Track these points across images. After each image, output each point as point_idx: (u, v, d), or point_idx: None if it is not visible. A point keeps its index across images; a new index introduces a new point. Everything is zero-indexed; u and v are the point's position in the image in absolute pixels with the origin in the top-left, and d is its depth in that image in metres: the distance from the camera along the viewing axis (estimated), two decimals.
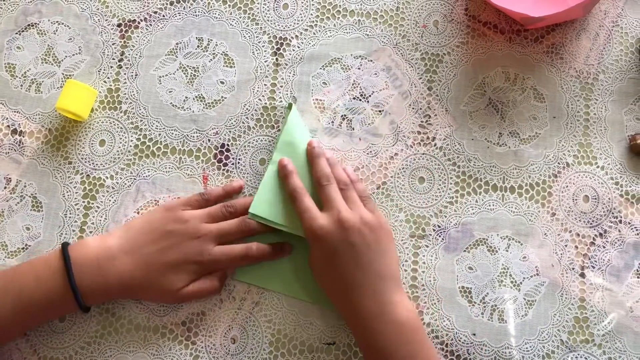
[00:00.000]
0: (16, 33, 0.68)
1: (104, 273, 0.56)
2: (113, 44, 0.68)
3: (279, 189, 0.61)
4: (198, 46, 0.67)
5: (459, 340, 0.60)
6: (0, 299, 0.55)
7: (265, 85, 0.66)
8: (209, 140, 0.65)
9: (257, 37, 0.68)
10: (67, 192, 0.64)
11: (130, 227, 0.59)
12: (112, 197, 0.64)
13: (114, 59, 0.67)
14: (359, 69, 0.66)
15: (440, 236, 0.62)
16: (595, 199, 0.63)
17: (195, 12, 0.68)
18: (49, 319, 0.59)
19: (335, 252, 0.56)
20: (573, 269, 0.61)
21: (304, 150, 0.62)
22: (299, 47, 0.67)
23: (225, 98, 0.66)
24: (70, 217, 0.63)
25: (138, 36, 0.68)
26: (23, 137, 0.65)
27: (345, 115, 0.65)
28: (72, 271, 0.55)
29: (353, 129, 0.65)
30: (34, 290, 0.55)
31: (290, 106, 0.64)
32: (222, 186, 0.63)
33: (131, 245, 0.57)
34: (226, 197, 0.63)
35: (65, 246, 0.57)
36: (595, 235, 0.62)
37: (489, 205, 0.63)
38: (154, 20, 0.68)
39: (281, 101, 0.66)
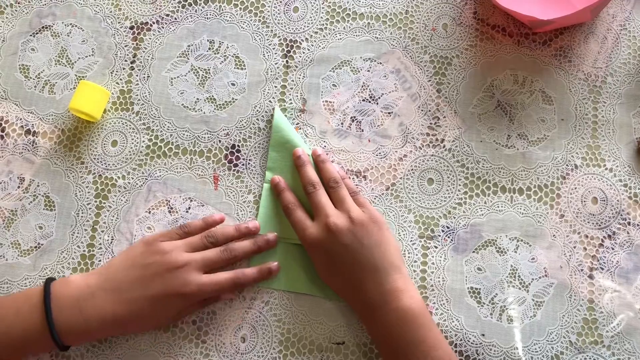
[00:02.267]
0: (30, 35, 0.69)
1: (84, 313, 0.54)
2: (125, 46, 0.68)
3: (277, 205, 0.63)
4: (209, 48, 0.68)
5: (468, 341, 0.60)
6: None
7: (275, 87, 0.67)
8: (219, 141, 0.66)
9: (267, 39, 0.68)
10: (80, 191, 0.65)
11: (111, 265, 0.58)
12: (124, 197, 0.64)
13: (126, 60, 0.68)
14: (368, 71, 0.67)
15: (449, 237, 0.63)
16: (604, 200, 0.63)
17: (207, 15, 0.69)
18: (27, 355, 0.57)
19: (332, 256, 0.58)
20: (582, 270, 0.62)
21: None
22: (309, 50, 0.68)
23: (236, 100, 0.67)
24: (82, 217, 0.64)
25: (150, 38, 0.69)
26: (36, 137, 0.66)
27: (354, 117, 0.66)
28: (51, 309, 0.53)
29: (362, 130, 0.66)
30: (12, 324, 0.53)
31: (272, 115, 0.65)
32: (202, 218, 0.62)
33: (111, 283, 0.55)
34: (206, 229, 0.61)
35: (48, 282, 0.55)
36: (604, 237, 0.62)
37: (498, 207, 0.63)
38: (166, 23, 0.69)
39: (291, 103, 0.66)
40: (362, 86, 0.67)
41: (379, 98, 0.66)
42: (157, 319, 0.58)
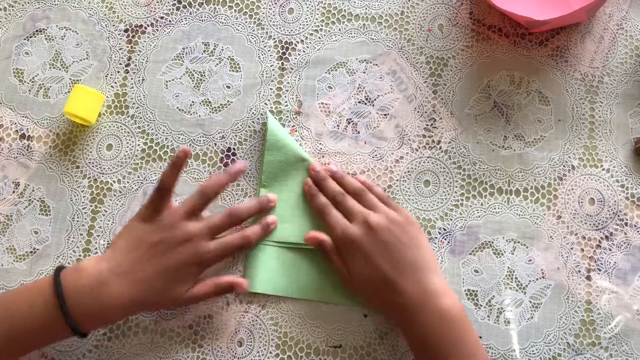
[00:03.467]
0: (24, 39, 0.69)
1: (99, 300, 0.53)
2: (120, 49, 0.68)
3: (279, 209, 0.62)
4: (204, 51, 0.68)
5: None
6: (3, 335, 0.53)
7: (271, 89, 0.67)
8: (215, 144, 0.65)
9: (262, 41, 0.68)
10: (75, 196, 0.64)
11: (116, 248, 0.56)
12: (120, 201, 0.64)
13: (121, 64, 0.68)
14: (364, 72, 0.67)
15: (446, 239, 0.62)
16: (601, 201, 0.63)
17: (202, 17, 0.69)
18: (45, 345, 0.56)
19: (371, 254, 0.56)
20: (579, 271, 0.61)
21: (294, 166, 0.63)
22: (304, 52, 0.68)
23: (231, 102, 0.66)
24: (77, 221, 0.64)
25: (145, 41, 0.68)
26: (31, 141, 0.66)
27: (350, 119, 0.66)
28: (65, 301, 0.52)
29: (358, 132, 0.65)
30: (27, 318, 0.53)
31: (265, 124, 0.65)
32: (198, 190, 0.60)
33: (122, 267, 0.55)
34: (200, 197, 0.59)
35: (58, 272, 0.54)
36: (601, 238, 0.62)
37: (495, 209, 0.63)
38: (160, 26, 0.69)
39: (287, 105, 0.66)
40: (358, 88, 0.66)
41: (375, 100, 0.66)
42: (175, 293, 0.56)
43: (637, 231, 0.62)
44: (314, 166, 0.63)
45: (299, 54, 0.67)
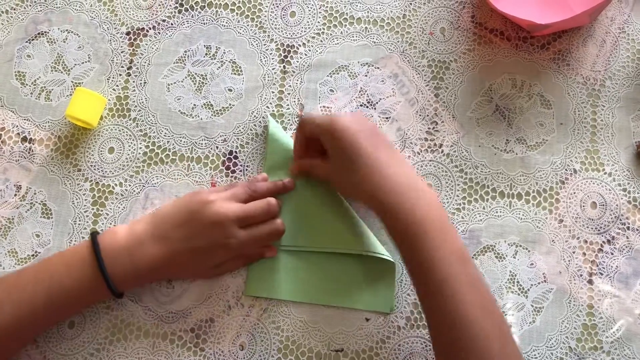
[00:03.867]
0: (26, 41, 0.69)
1: (134, 260, 0.56)
2: (122, 52, 0.68)
3: (279, 215, 0.62)
4: (206, 54, 0.68)
5: None
6: (32, 290, 0.55)
7: (272, 92, 0.67)
8: (217, 147, 0.65)
9: (264, 44, 0.68)
10: (77, 199, 0.64)
11: (158, 213, 0.59)
12: (121, 204, 0.64)
13: (122, 67, 0.68)
14: (366, 76, 0.67)
15: None
16: (603, 205, 0.63)
17: (204, 20, 0.69)
18: (83, 307, 0.60)
19: (359, 133, 0.55)
20: (581, 275, 0.61)
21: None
22: (306, 55, 0.68)
23: (233, 105, 0.66)
24: (79, 224, 0.64)
25: (147, 44, 0.68)
26: (33, 144, 0.66)
27: None
28: (103, 261, 0.55)
29: None
30: (66, 281, 0.55)
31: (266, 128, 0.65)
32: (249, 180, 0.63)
33: (159, 231, 0.57)
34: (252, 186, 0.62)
35: (94, 235, 0.57)
36: (603, 241, 0.62)
37: (497, 212, 0.63)
38: (162, 29, 0.69)
39: (289, 108, 0.66)
40: (360, 91, 0.66)
41: (377, 103, 0.66)
42: (201, 269, 0.60)
43: (639, 235, 0.62)
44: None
45: (300, 57, 0.67)
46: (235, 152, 0.65)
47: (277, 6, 0.69)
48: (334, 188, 0.61)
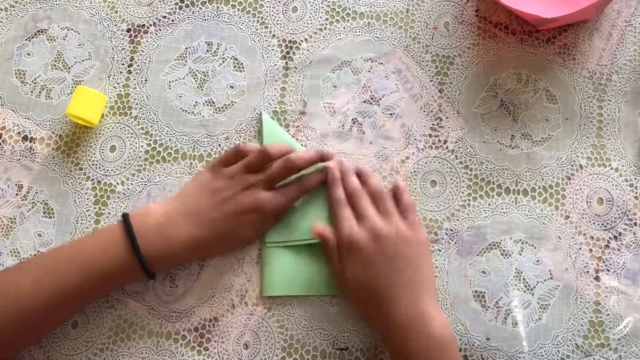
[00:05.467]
0: (26, 39, 0.68)
1: (167, 239, 0.56)
2: (122, 50, 0.68)
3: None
4: (207, 50, 0.67)
5: (473, 345, 0.59)
6: (66, 270, 0.55)
7: (275, 89, 0.66)
8: (219, 145, 0.65)
9: (266, 40, 0.67)
10: (78, 198, 0.64)
11: (184, 192, 0.60)
12: (123, 203, 0.64)
13: (123, 64, 0.67)
14: (369, 72, 0.66)
15: (452, 240, 0.62)
16: (610, 201, 0.62)
17: (205, 16, 0.68)
18: (116, 287, 0.60)
19: (370, 263, 0.55)
20: (587, 272, 0.61)
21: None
22: (308, 51, 0.67)
23: (235, 102, 0.66)
24: (81, 224, 0.63)
25: (147, 41, 0.68)
26: (34, 143, 0.65)
27: (355, 119, 0.65)
28: (137, 240, 0.55)
29: (364, 132, 0.65)
30: (99, 260, 0.55)
31: (260, 120, 0.64)
32: (249, 145, 0.62)
33: (189, 208, 0.58)
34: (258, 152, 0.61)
35: (126, 216, 0.57)
36: (610, 238, 0.62)
37: (502, 209, 0.62)
38: (163, 25, 0.68)
39: (291, 105, 0.65)
40: (363, 87, 0.66)
41: (380, 99, 0.65)
42: (236, 238, 0.60)
43: None
44: (342, 161, 0.62)
45: (303, 53, 0.67)
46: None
47: (279, 1, 0.68)
48: None
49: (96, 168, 0.65)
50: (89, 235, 0.58)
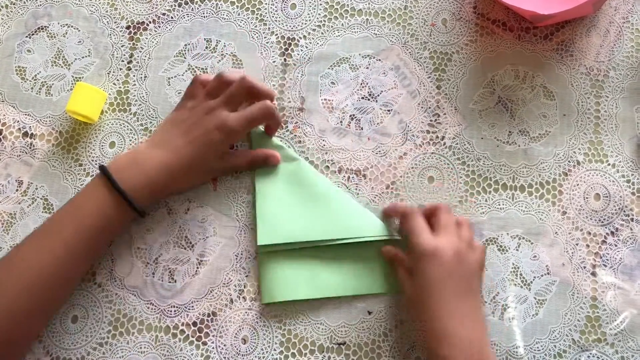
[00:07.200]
0: (26, 36, 0.68)
1: (143, 170, 0.58)
2: (122, 46, 0.68)
3: (279, 210, 0.61)
4: (206, 47, 0.67)
5: None
6: (60, 225, 0.57)
7: (273, 85, 0.66)
8: None
9: (265, 37, 0.68)
10: None
11: (154, 132, 0.63)
12: None
13: (123, 61, 0.68)
14: (367, 68, 0.66)
15: None
16: (607, 197, 0.63)
17: (204, 13, 0.68)
18: (112, 233, 0.60)
19: (450, 275, 0.54)
20: (584, 267, 0.61)
21: (287, 167, 0.63)
22: (307, 47, 0.67)
23: None
24: None
25: (147, 38, 0.68)
26: (34, 139, 0.66)
27: (353, 115, 0.65)
28: (112, 175, 0.57)
29: (362, 128, 0.65)
30: (87, 208, 0.57)
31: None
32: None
33: (157, 141, 0.61)
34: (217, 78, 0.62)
35: (102, 166, 0.59)
36: (607, 233, 0.62)
37: (499, 205, 0.63)
38: (162, 22, 0.68)
39: (290, 102, 0.66)
40: (361, 83, 0.66)
41: (378, 95, 0.66)
42: (208, 162, 0.61)
43: None
44: (405, 209, 0.60)
45: (301, 50, 0.67)
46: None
47: None
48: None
49: (96, 164, 0.65)
50: (75, 195, 0.59)
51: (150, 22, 0.68)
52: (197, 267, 0.62)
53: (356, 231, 0.60)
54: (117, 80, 0.67)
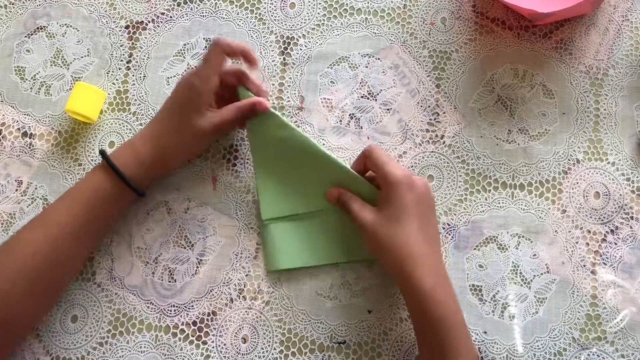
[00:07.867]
0: (25, 36, 0.68)
1: (134, 147, 0.59)
2: (121, 46, 0.68)
3: (278, 183, 0.61)
4: (206, 47, 0.67)
5: None
6: (65, 207, 0.57)
7: (273, 85, 0.66)
8: (217, 140, 0.65)
9: (264, 36, 0.68)
10: None
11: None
12: None
13: (122, 60, 0.68)
14: (366, 67, 0.66)
15: (450, 234, 0.62)
16: (607, 195, 0.63)
17: (203, 12, 0.68)
18: (109, 213, 0.59)
19: (421, 200, 0.55)
20: (584, 266, 0.61)
21: (283, 140, 0.61)
22: (306, 46, 0.67)
23: None
24: None
25: (146, 38, 0.68)
26: (33, 139, 0.66)
27: (353, 114, 0.65)
28: (108, 155, 0.58)
29: (361, 127, 0.65)
30: (81, 188, 0.58)
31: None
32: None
33: (151, 115, 0.64)
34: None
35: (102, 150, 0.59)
36: (607, 232, 0.62)
37: (499, 203, 0.63)
38: (161, 22, 0.68)
39: (289, 101, 0.66)
40: (361, 82, 0.66)
41: (378, 94, 0.66)
42: (193, 122, 0.58)
43: None
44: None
45: (300, 49, 0.67)
46: (236, 145, 0.65)
47: None
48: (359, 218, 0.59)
49: (95, 164, 0.65)
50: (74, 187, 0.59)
51: (149, 22, 0.68)
52: (197, 267, 0.62)
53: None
54: (117, 79, 0.67)
